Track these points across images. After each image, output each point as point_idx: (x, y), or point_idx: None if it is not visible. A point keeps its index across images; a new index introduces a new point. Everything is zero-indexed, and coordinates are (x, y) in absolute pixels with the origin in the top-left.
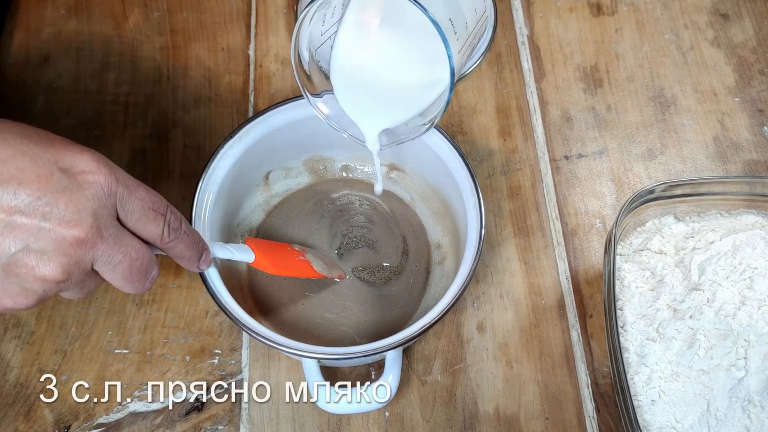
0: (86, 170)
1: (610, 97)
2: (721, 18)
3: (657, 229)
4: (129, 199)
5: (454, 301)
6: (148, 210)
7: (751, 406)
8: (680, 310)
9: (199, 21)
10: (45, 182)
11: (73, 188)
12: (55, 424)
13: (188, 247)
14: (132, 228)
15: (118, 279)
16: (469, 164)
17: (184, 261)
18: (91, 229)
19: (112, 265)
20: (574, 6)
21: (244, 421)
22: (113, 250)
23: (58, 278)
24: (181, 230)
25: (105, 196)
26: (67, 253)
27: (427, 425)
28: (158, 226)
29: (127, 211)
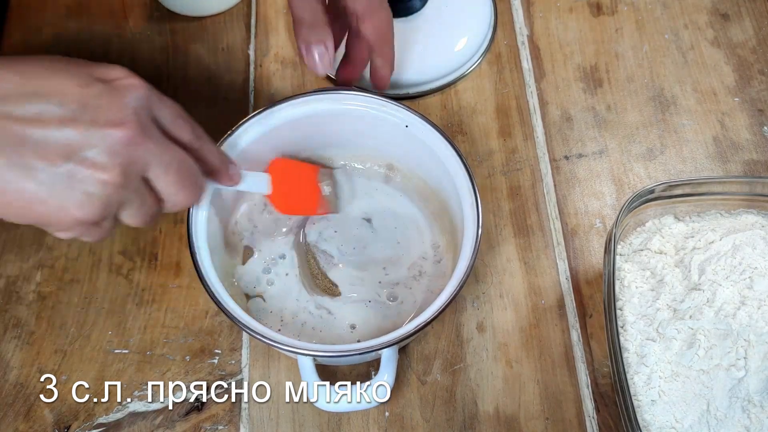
0: (120, 77)
1: (610, 97)
2: (721, 18)
3: (657, 229)
4: (160, 105)
5: (450, 299)
6: (177, 116)
7: (751, 406)
8: (680, 310)
9: (199, 21)
10: (86, 91)
11: (113, 92)
12: (55, 424)
13: (216, 156)
14: (167, 132)
15: (171, 185)
16: (466, 162)
17: (216, 173)
18: (137, 126)
19: (164, 168)
20: (574, 6)
21: (244, 421)
22: (160, 149)
23: (116, 179)
24: (206, 138)
25: (142, 98)
26: (119, 153)
27: (427, 425)
28: (188, 131)
29: (161, 116)
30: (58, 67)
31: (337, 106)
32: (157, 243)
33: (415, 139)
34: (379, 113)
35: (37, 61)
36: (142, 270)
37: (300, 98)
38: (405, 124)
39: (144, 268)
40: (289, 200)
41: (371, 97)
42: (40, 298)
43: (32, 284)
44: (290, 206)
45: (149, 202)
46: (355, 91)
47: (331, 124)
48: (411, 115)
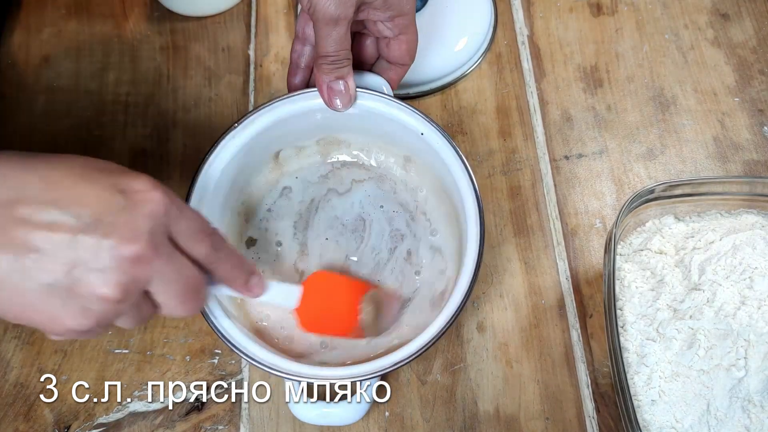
0: (142, 190)
1: (610, 97)
2: (721, 18)
3: (657, 229)
4: (180, 220)
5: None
6: (197, 231)
7: (751, 406)
8: (680, 310)
9: (199, 21)
10: (105, 203)
11: (131, 207)
12: (55, 424)
13: (234, 267)
14: (182, 247)
15: (171, 299)
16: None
17: (233, 283)
18: (148, 245)
19: (166, 284)
20: (574, 6)
21: (244, 421)
22: (168, 267)
23: (116, 297)
24: (225, 251)
25: (160, 215)
26: (125, 271)
27: (427, 425)
28: (205, 246)
29: (178, 231)
30: (83, 174)
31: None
32: None
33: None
34: (395, 116)
35: (64, 166)
36: None
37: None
38: (420, 132)
39: None
40: (317, 320)
41: (390, 100)
42: None
43: None
44: (317, 326)
45: (145, 311)
46: (372, 92)
47: (351, 117)
48: (426, 123)
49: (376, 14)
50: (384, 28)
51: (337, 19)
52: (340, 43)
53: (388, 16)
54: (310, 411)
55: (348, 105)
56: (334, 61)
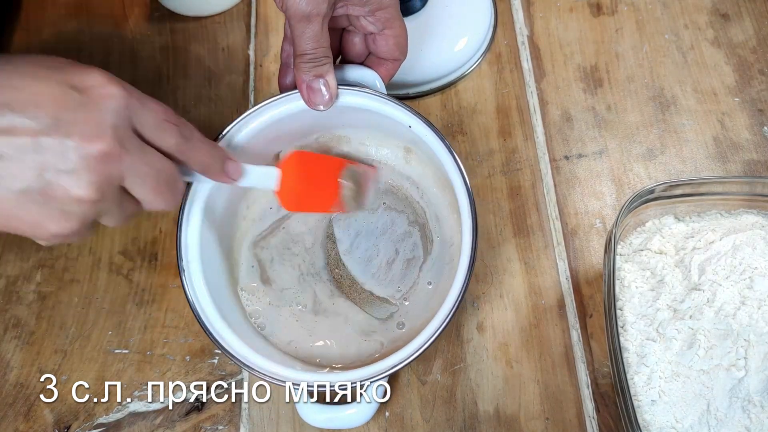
0: (97, 84)
1: (610, 97)
2: (721, 18)
3: (657, 229)
4: (142, 111)
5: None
6: (162, 121)
7: (751, 406)
8: (680, 310)
9: (199, 21)
10: (61, 102)
11: (89, 104)
12: (55, 424)
13: (207, 155)
14: (148, 140)
15: (148, 193)
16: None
17: (209, 171)
18: (113, 141)
19: (141, 178)
20: (574, 6)
21: (244, 421)
22: (139, 161)
23: (92, 197)
24: (195, 138)
25: (120, 108)
26: (94, 169)
27: (427, 425)
28: (173, 135)
29: (142, 123)
30: (32, 73)
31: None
32: (158, 243)
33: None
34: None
35: (11, 66)
36: (142, 270)
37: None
38: (408, 124)
39: (144, 268)
40: (298, 197)
41: (374, 95)
42: (40, 298)
43: (32, 284)
44: (298, 203)
45: (127, 207)
46: (361, 89)
47: (343, 113)
48: (413, 117)
49: (355, 9)
50: (367, 23)
51: (309, 16)
52: (315, 41)
53: (368, 11)
54: (318, 414)
55: (329, 104)
56: (311, 59)
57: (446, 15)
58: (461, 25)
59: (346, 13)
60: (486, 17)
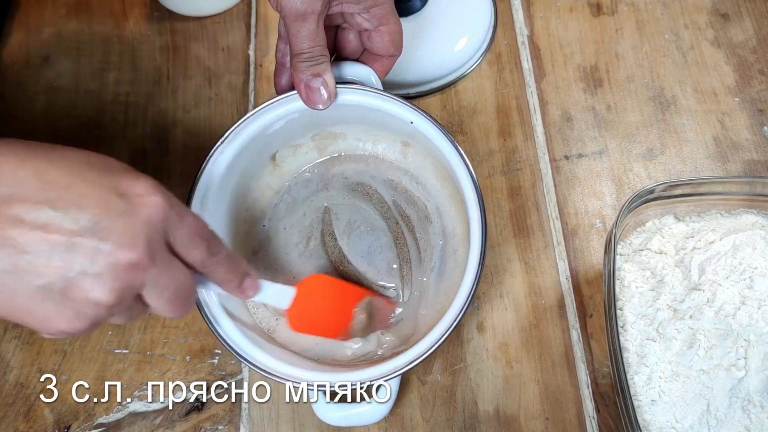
0: (142, 194)
1: (610, 97)
2: (721, 18)
3: (657, 229)
4: (179, 225)
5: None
6: (194, 236)
7: (751, 406)
8: (680, 310)
9: (199, 21)
10: (104, 207)
11: (130, 212)
12: (55, 424)
13: (228, 271)
14: (177, 252)
15: (162, 304)
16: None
17: (226, 286)
18: (145, 252)
19: (159, 290)
20: (574, 6)
21: (244, 421)
22: (162, 274)
23: (111, 302)
24: (222, 254)
25: (159, 221)
26: (120, 277)
27: (427, 425)
28: (202, 252)
29: (176, 236)
30: (82, 172)
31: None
32: None
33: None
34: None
35: (62, 161)
36: None
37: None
38: (409, 120)
39: None
40: (308, 321)
41: (374, 92)
42: None
43: None
44: (305, 326)
45: (136, 311)
46: (356, 87)
47: (339, 111)
48: (414, 111)
49: (350, 7)
50: (362, 20)
51: (304, 15)
52: (312, 39)
53: (362, 8)
54: (335, 412)
55: (328, 103)
56: (308, 58)
57: (446, 15)
58: (461, 25)
59: (341, 11)
60: (486, 17)
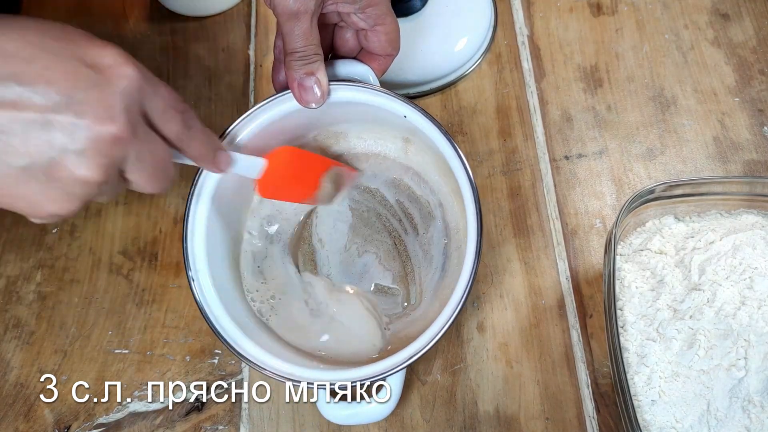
0: (112, 64)
1: (610, 97)
2: (721, 18)
3: (657, 229)
4: (153, 96)
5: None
6: (169, 107)
7: (752, 406)
8: (680, 310)
9: (199, 21)
10: (73, 79)
11: (103, 84)
12: (55, 424)
13: (203, 145)
14: (154, 125)
15: (144, 178)
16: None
17: (201, 160)
18: (125, 125)
19: (141, 164)
20: (574, 6)
21: (244, 421)
22: (143, 146)
23: (98, 179)
24: (196, 128)
25: (134, 91)
26: (104, 152)
27: (427, 425)
28: (177, 123)
29: (151, 108)
30: (44, 44)
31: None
32: (157, 243)
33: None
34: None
35: (22, 34)
36: (142, 270)
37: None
38: (403, 114)
39: (144, 268)
40: (275, 187)
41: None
42: (40, 298)
43: (32, 284)
44: (273, 192)
45: (120, 187)
46: (353, 83)
47: (337, 109)
48: (407, 106)
49: (345, 6)
50: (358, 20)
51: (297, 14)
52: (305, 39)
53: (357, 8)
54: (340, 411)
55: (320, 102)
56: (302, 57)
57: (446, 15)
58: (461, 25)
59: (336, 10)
60: (486, 17)
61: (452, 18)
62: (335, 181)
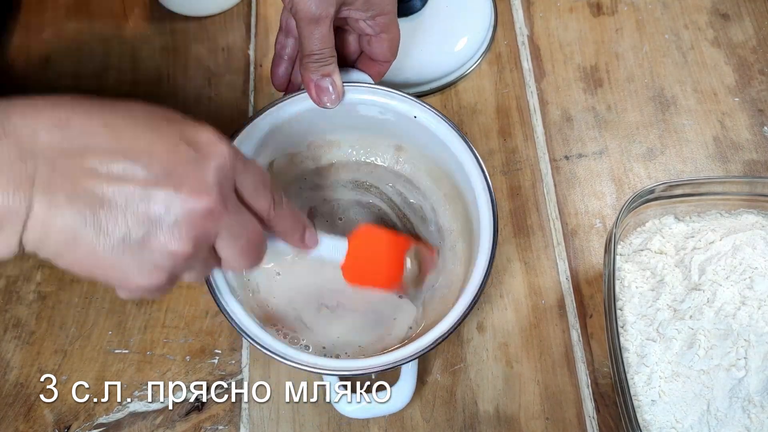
0: (208, 142)
1: (610, 97)
2: (721, 18)
3: (657, 229)
4: (245, 173)
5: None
6: (260, 185)
7: (752, 406)
8: (680, 310)
9: (199, 21)
10: (174, 155)
11: (200, 160)
12: (55, 424)
13: (292, 223)
14: (246, 201)
15: (235, 254)
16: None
17: (288, 237)
18: (218, 199)
19: (233, 239)
20: (574, 6)
21: (244, 421)
22: (235, 221)
23: (187, 252)
24: (284, 206)
25: (228, 168)
26: (196, 225)
27: (427, 425)
28: (267, 200)
29: (243, 185)
30: (148, 123)
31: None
32: None
33: (424, 128)
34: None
35: (128, 113)
36: None
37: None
38: (413, 114)
39: None
40: (362, 273)
41: (378, 89)
42: (40, 298)
43: (32, 284)
44: (362, 278)
45: (210, 265)
46: (360, 84)
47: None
48: (418, 105)
49: (358, 13)
50: (366, 26)
51: (318, 18)
52: (323, 42)
53: (369, 15)
54: (351, 405)
55: (336, 102)
56: (319, 59)
57: (446, 15)
58: (461, 25)
59: (348, 15)
60: (486, 17)
61: (452, 18)
62: (418, 261)
